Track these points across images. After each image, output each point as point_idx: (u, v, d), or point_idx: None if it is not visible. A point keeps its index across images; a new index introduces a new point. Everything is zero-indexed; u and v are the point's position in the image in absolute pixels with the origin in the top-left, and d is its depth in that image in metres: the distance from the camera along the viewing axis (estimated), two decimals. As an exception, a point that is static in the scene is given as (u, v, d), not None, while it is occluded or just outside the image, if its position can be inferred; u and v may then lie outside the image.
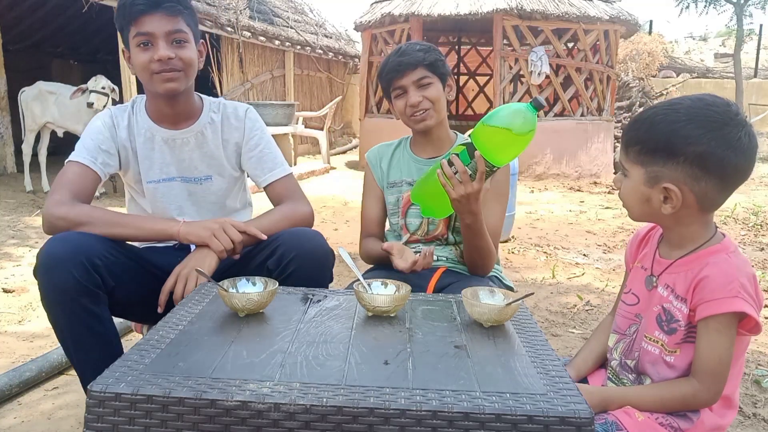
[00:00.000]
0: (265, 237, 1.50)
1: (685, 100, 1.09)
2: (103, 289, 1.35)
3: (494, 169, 1.40)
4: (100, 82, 5.42)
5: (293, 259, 1.44)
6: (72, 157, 1.55)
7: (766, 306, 2.91)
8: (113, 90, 5.51)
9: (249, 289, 1.20)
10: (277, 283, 1.20)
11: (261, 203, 1.85)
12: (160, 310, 1.44)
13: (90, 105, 5.24)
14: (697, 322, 1.09)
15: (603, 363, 1.34)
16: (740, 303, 1.04)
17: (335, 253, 1.51)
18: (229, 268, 1.51)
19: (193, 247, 1.51)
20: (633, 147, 1.12)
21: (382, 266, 1.72)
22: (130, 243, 1.54)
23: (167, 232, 1.46)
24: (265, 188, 1.70)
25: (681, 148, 1.05)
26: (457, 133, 1.76)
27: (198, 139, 1.65)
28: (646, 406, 1.12)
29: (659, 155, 1.08)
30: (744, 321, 1.07)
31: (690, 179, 1.06)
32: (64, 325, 1.35)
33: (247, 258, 1.52)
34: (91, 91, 5.33)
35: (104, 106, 5.25)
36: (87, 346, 1.36)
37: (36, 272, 1.31)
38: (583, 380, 1.32)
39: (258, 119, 1.72)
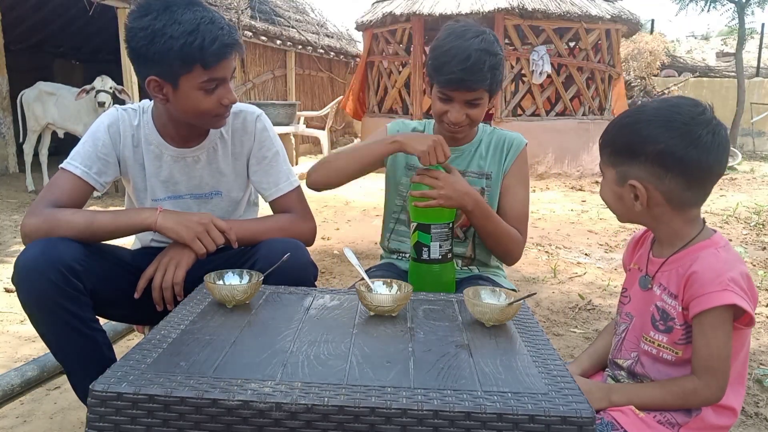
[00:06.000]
0: (235, 246, 1.47)
1: (653, 103, 1.14)
2: (84, 293, 1.32)
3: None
4: (107, 82, 5.40)
5: (271, 274, 1.35)
6: (66, 163, 1.48)
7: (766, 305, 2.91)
8: (122, 91, 5.48)
9: (235, 281, 1.26)
10: (262, 276, 1.26)
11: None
12: (137, 295, 1.42)
13: (102, 105, 5.24)
14: (692, 320, 1.10)
15: (605, 365, 1.34)
16: (730, 296, 1.04)
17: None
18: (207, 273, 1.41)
19: None
20: (605, 149, 1.19)
21: (386, 266, 1.72)
22: (114, 246, 1.50)
23: (143, 224, 1.40)
24: (269, 203, 1.65)
25: (641, 147, 1.10)
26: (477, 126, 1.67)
27: (209, 156, 1.59)
28: (649, 404, 1.12)
29: (624, 155, 1.14)
30: (741, 317, 1.07)
31: (653, 177, 1.10)
32: (48, 331, 1.34)
33: (226, 267, 1.39)
34: (99, 91, 5.32)
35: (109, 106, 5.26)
36: (74, 350, 1.35)
37: (14, 281, 1.29)
38: None
39: (267, 127, 1.64)
